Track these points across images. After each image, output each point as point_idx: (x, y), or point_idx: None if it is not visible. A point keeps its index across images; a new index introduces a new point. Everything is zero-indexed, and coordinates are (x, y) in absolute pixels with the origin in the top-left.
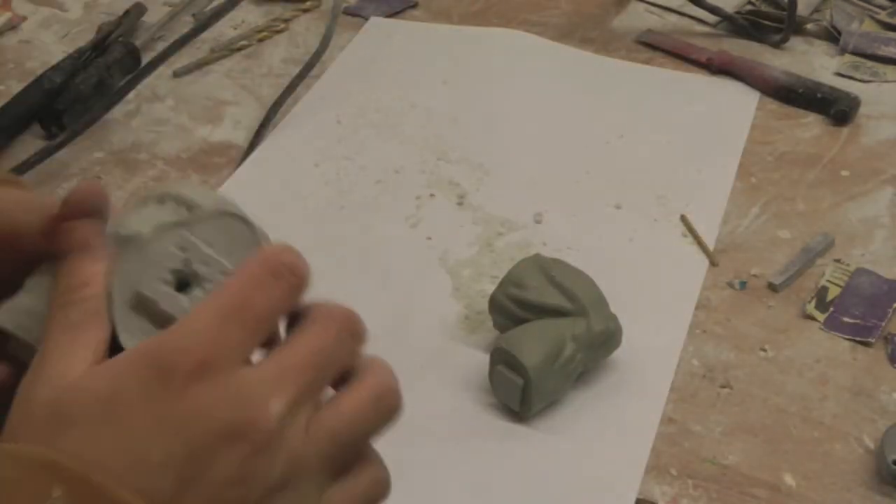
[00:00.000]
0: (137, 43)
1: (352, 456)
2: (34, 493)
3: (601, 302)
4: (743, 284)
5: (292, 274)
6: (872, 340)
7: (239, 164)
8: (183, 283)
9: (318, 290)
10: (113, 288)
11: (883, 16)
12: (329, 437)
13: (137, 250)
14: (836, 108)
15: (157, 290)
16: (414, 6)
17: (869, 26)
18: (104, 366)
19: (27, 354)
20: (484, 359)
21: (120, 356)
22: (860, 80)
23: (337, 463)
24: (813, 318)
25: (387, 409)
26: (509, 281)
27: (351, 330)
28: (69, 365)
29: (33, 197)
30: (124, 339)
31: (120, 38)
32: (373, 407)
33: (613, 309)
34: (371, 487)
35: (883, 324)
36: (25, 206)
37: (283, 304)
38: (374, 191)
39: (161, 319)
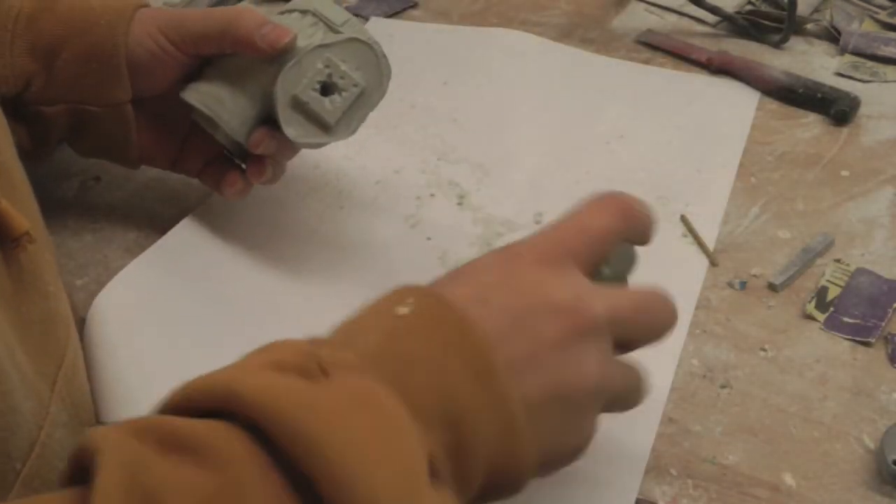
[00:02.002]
0: None
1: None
2: (393, 300)
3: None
4: (743, 284)
5: (620, 207)
6: (872, 340)
7: None
8: (325, 90)
9: (319, 290)
10: (277, 90)
11: (883, 16)
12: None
13: (294, 63)
14: (836, 108)
15: (308, 94)
16: (414, 6)
17: (869, 26)
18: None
19: (207, 125)
20: None
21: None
22: (860, 80)
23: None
24: (813, 318)
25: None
26: None
27: (674, 312)
28: None
29: (213, 12)
30: (286, 129)
31: None
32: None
33: None
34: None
35: (883, 324)
36: (209, 16)
37: (614, 228)
38: (373, 191)
39: (311, 116)
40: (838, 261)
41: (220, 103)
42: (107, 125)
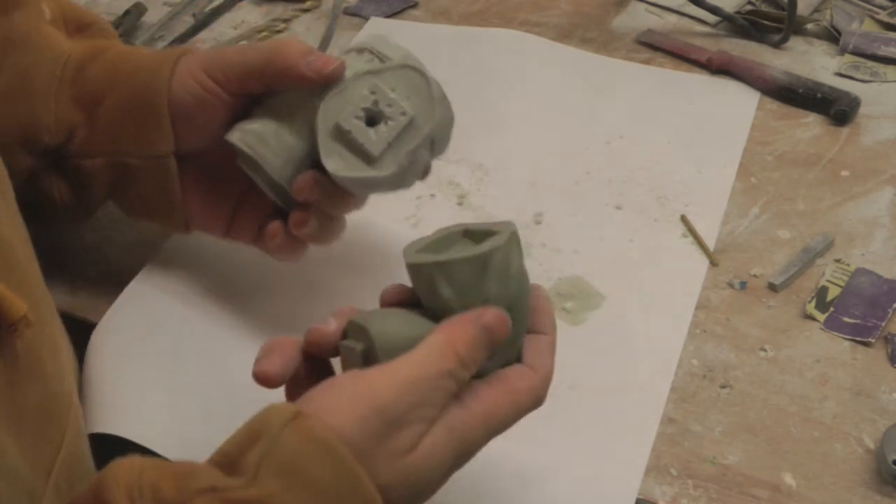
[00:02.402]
0: (137, 43)
1: None
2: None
3: None
4: (743, 284)
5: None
6: (872, 340)
7: None
8: (371, 120)
9: (319, 291)
10: (318, 119)
11: (883, 16)
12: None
13: (339, 91)
14: (836, 108)
15: (352, 122)
16: (414, 6)
17: (869, 26)
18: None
19: (250, 167)
20: None
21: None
22: (860, 80)
23: None
24: (813, 318)
25: None
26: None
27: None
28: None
29: (256, 46)
30: (325, 161)
31: (120, 38)
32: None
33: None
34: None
35: (883, 324)
36: (251, 49)
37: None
38: None
39: (353, 147)
40: (838, 261)
41: (262, 142)
42: (149, 181)
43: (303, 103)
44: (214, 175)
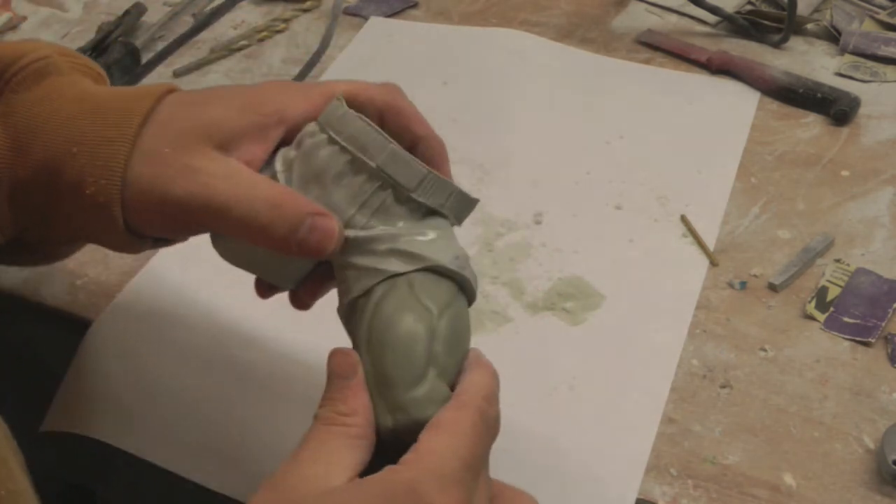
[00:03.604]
0: (137, 43)
1: None
2: None
3: None
4: (743, 284)
5: (496, 427)
6: (872, 340)
7: None
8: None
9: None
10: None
11: (883, 16)
12: None
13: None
14: (836, 108)
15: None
16: (414, 6)
17: (869, 26)
18: (363, 483)
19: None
20: None
21: (378, 481)
22: (860, 80)
23: None
24: (813, 318)
25: None
26: None
27: None
28: (330, 474)
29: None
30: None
31: (120, 38)
32: None
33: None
34: None
35: (883, 324)
36: (224, 211)
37: (488, 453)
38: None
39: None
40: (838, 261)
41: (261, 265)
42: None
43: None
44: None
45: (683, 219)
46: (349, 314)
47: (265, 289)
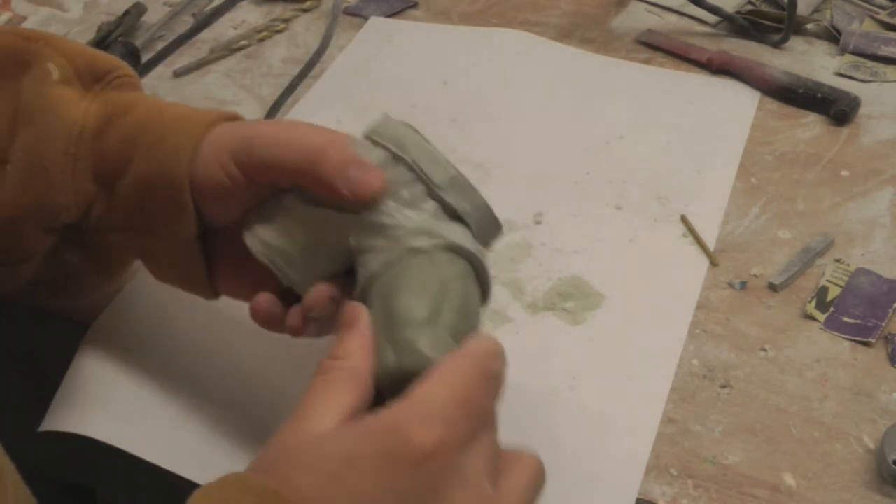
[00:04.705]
0: (137, 43)
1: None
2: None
3: None
4: (743, 284)
5: (498, 383)
6: (872, 340)
7: None
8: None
9: None
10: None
11: (883, 16)
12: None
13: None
14: (836, 108)
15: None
16: (414, 6)
17: (869, 26)
18: (351, 427)
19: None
20: None
21: (365, 421)
22: (860, 80)
23: None
24: (813, 318)
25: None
26: None
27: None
28: (320, 420)
29: (293, 136)
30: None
31: (120, 38)
32: None
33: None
34: None
35: (883, 324)
36: (287, 144)
37: (492, 405)
38: None
39: None
40: (838, 261)
41: (288, 262)
42: (175, 257)
43: (334, 216)
44: (239, 244)
45: (683, 219)
46: (365, 292)
47: (263, 318)
